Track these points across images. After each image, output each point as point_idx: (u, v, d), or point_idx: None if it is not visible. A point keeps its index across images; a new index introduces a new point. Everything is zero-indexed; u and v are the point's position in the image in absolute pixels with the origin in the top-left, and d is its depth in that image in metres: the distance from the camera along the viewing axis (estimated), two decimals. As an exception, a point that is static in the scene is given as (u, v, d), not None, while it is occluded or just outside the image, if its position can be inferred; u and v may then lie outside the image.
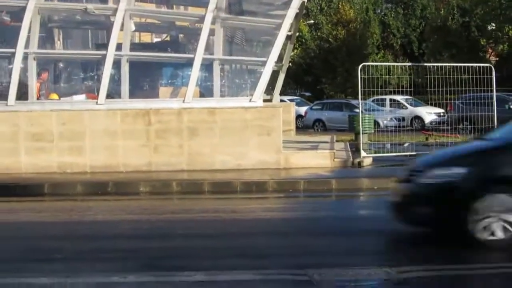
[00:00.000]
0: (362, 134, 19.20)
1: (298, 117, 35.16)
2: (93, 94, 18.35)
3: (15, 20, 18.56)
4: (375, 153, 19.21)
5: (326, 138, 23.63)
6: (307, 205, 14.04)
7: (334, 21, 50.48)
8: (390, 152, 19.57)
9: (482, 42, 48.36)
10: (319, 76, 50.32)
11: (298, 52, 52.60)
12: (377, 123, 24.58)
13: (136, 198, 14.80)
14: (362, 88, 18.77)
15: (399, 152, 19.33)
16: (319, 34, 52.74)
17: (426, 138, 23.87)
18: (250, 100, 17.59)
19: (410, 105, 34.56)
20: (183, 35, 21.93)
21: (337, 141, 22.75)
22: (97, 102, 17.51)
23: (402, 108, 34.29)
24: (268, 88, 19.67)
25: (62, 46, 21.78)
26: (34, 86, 17.65)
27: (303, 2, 21.39)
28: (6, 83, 17.96)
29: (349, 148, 20.77)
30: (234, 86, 19.76)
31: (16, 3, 18.14)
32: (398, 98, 34.13)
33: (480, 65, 20.50)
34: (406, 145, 20.26)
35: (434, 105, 26.16)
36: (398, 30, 55.29)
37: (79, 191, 15.20)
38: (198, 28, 18.47)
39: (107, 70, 17.51)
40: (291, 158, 17.54)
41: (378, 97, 26.31)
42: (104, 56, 17.60)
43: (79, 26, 21.83)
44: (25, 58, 17.50)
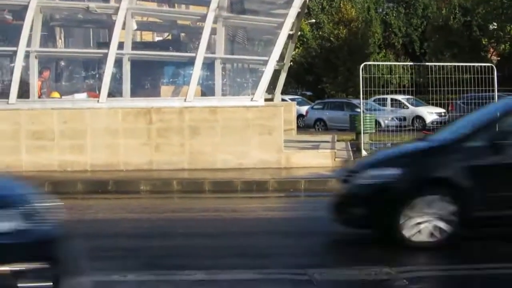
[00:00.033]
0: (363, 133, 19.20)
1: (299, 116, 35.16)
2: (94, 92, 18.36)
3: (17, 18, 18.58)
4: (376, 152, 19.20)
5: (327, 137, 23.61)
6: (308, 204, 14.03)
7: (336, 20, 50.43)
8: (391, 151, 19.53)
9: (483, 42, 48.33)
10: (320, 75, 50.28)
11: (300, 51, 52.56)
12: (378, 123, 24.56)
13: (136, 196, 14.81)
14: (363, 87, 18.77)
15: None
16: (321, 33, 52.69)
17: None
18: (252, 99, 17.59)
19: (412, 104, 34.52)
20: (185, 34, 21.93)
21: (338, 140, 22.74)
22: (98, 101, 17.52)
23: (403, 107, 34.25)
24: (269, 87, 19.69)
25: (64, 45, 21.82)
26: (35, 84, 17.66)
27: (305, 1, 21.41)
28: (8, 81, 17.99)
29: (350, 147, 20.76)
30: (235, 85, 19.79)
31: (18, 2, 18.15)
32: (400, 97, 34.09)
33: (481, 64, 20.45)
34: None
35: (436, 105, 26.09)
36: (399, 30, 55.25)
37: (80, 190, 15.21)
38: (200, 27, 18.47)
39: (109, 69, 17.52)
40: (292, 157, 17.54)
41: (379, 96, 26.24)
42: (105, 54, 17.61)
43: (81, 24, 21.84)
44: (26, 56, 17.52)
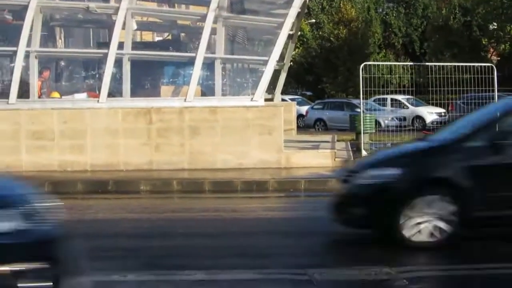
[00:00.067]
0: (363, 133, 19.19)
1: (299, 116, 35.16)
2: (94, 92, 18.35)
3: (17, 18, 18.58)
4: (376, 152, 19.19)
5: (327, 137, 23.61)
6: (308, 204, 14.02)
7: (336, 20, 50.42)
8: (391, 151, 19.52)
9: (483, 42, 48.33)
10: (320, 75, 50.27)
11: (300, 51, 52.55)
12: (378, 123, 24.54)
13: (136, 196, 14.81)
14: (363, 87, 18.76)
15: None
16: (321, 33, 52.68)
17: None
18: (252, 99, 17.58)
19: (411, 104, 34.50)
20: (185, 34, 21.92)
21: (338, 140, 22.73)
22: (98, 101, 17.52)
23: (403, 107, 34.23)
24: (269, 87, 19.68)
25: (64, 45, 21.82)
26: (35, 84, 17.65)
27: (305, 1, 21.40)
28: (8, 81, 17.98)
29: (350, 147, 20.75)
30: (235, 85, 19.78)
31: (18, 2, 18.15)
32: (400, 97, 34.07)
33: (481, 64, 20.43)
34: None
35: (435, 105, 26.08)
36: (399, 30, 55.24)
37: (80, 189, 15.21)
38: (200, 27, 18.46)
39: (109, 69, 17.52)
40: (292, 157, 17.53)
41: (379, 96, 26.22)
42: (105, 54, 17.61)
43: (81, 24, 21.84)
44: (26, 56, 17.51)
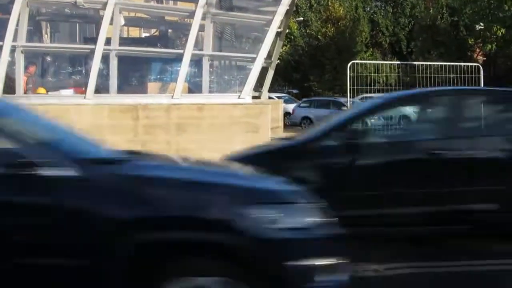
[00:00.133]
0: (350, 132, 19.17)
1: (286, 114, 35.19)
2: (81, 88, 18.23)
3: (3, 12, 18.43)
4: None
5: (314, 135, 23.54)
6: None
7: (324, 18, 50.52)
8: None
9: (470, 42, 48.54)
10: (307, 73, 50.34)
11: (287, 49, 52.58)
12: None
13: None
14: (351, 86, 18.80)
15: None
16: (308, 31, 52.76)
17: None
18: (239, 96, 17.55)
19: (398, 103, 34.49)
20: (173, 30, 21.86)
21: (325, 138, 22.67)
22: (85, 97, 17.42)
23: (390, 106, 34.23)
24: (256, 84, 19.65)
25: (50, 40, 21.67)
26: (21, 80, 17.52)
27: (293, -1, 21.38)
28: (-7, 77, 17.84)
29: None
30: (223, 82, 19.73)
31: (4, -4, 18.03)
32: (386, 96, 34.05)
33: (468, 64, 20.56)
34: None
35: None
36: (387, 29, 55.41)
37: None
38: (188, 23, 18.41)
39: (96, 65, 17.40)
40: (279, 155, 17.47)
41: (366, 95, 26.30)
42: (92, 50, 17.50)
43: (68, 19, 21.72)
44: (12, 51, 17.37)
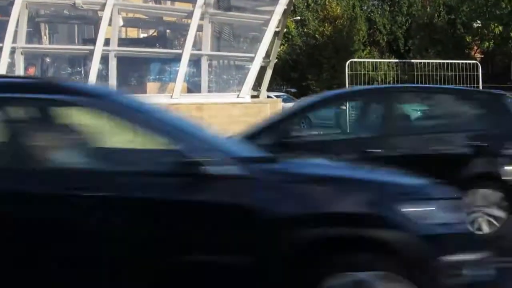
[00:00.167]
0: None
1: (285, 113, 35.13)
2: (80, 89, 18.24)
3: (3, 14, 18.48)
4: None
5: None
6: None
7: (321, 17, 50.51)
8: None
9: (467, 39, 48.56)
10: (305, 72, 50.34)
11: (284, 48, 52.57)
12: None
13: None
14: (349, 84, 18.84)
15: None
16: (306, 30, 52.75)
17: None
18: (238, 96, 17.61)
19: (396, 102, 34.45)
20: (171, 31, 21.91)
21: (323, 137, 22.69)
22: (84, 97, 17.42)
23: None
24: (255, 84, 19.71)
25: (49, 41, 21.71)
26: (21, 81, 17.52)
27: (291, -1, 21.44)
28: (-7, 78, 17.86)
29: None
30: (222, 82, 19.78)
31: (3, -3, 18.08)
32: (384, 94, 34.00)
33: (466, 62, 20.57)
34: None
35: (420, 102, 26.14)
36: (384, 27, 55.37)
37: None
38: (186, 23, 18.47)
39: (95, 66, 17.46)
40: (278, 153, 17.50)
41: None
42: (91, 51, 17.55)
43: (67, 20, 21.76)
44: (12, 52, 17.42)
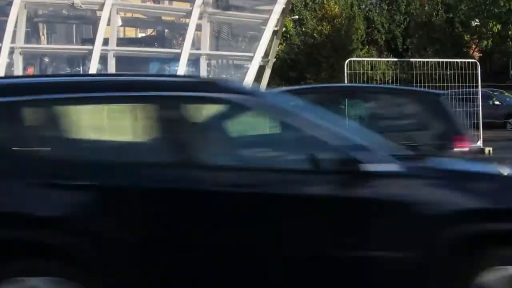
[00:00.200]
0: (348, 129, 19.25)
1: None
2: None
3: (1, 14, 18.48)
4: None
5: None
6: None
7: (319, 16, 50.52)
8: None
9: (466, 38, 48.60)
10: (304, 71, 50.34)
11: (283, 47, 52.57)
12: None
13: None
14: (348, 83, 18.82)
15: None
16: (304, 29, 52.76)
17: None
18: (237, 95, 17.59)
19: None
20: (170, 30, 21.91)
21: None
22: (84, 97, 17.43)
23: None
24: (254, 83, 19.70)
25: (47, 41, 21.71)
26: (20, 80, 17.52)
27: (289, -2, 21.44)
28: (-8, 78, 17.86)
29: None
30: (220, 81, 19.76)
31: (2, -2, 18.08)
32: (383, 93, 33.97)
33: (465, 60, 20.56)
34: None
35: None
36: (382, 26, 55.38)
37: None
38: (185, 23, 18.48)
39: (94, 65, 17.47)
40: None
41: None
42: (90, 51, 17.55)
43: (66, 20, 21.75)
44: (11, 52, 17.42)
